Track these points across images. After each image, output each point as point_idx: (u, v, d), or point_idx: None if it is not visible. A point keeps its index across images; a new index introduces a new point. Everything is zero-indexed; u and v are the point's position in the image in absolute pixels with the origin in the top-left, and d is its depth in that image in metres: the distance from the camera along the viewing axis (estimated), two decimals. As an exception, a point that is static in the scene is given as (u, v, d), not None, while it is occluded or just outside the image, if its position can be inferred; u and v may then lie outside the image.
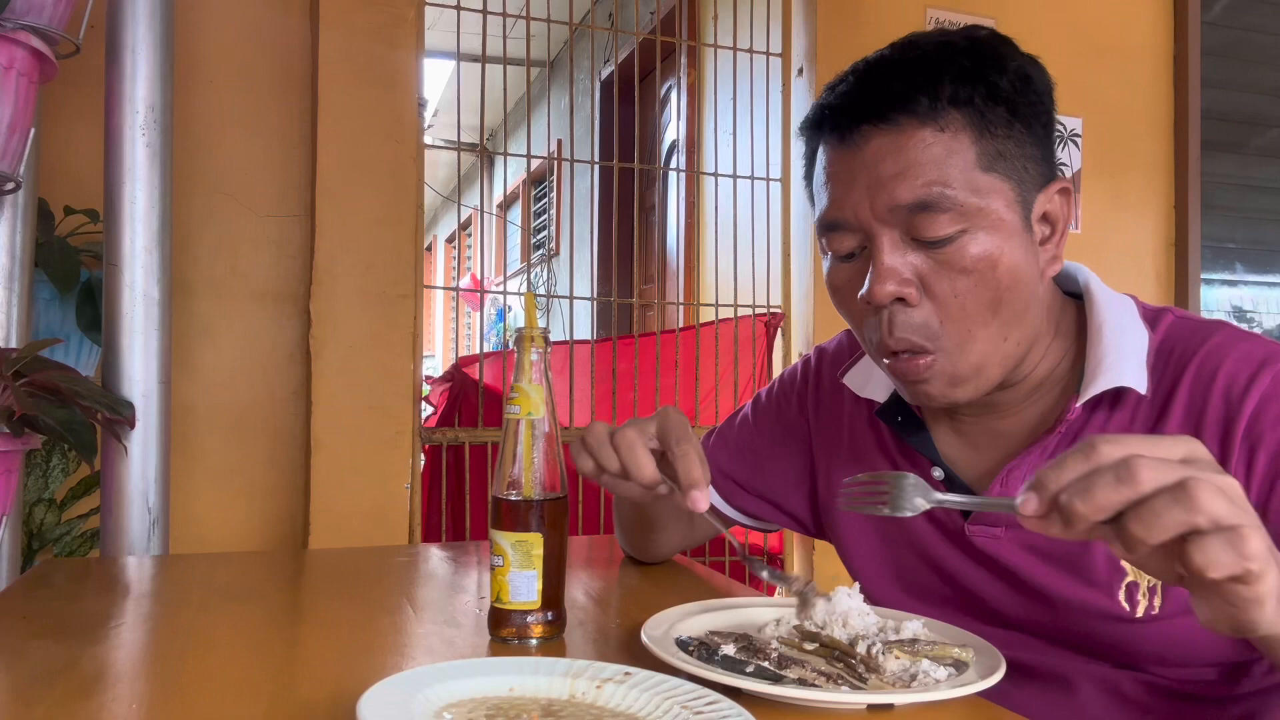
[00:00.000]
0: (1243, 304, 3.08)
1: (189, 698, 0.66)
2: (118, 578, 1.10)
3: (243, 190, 2.04)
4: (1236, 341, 0.80)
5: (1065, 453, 0.57)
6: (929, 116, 0.77)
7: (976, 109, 0.77)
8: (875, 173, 0.78)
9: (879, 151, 0.78)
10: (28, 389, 1.33)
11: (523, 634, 0.78)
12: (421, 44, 2.13)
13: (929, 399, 0.84)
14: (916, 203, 0.77)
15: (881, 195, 0.78)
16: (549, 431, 0.79)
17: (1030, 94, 0.80)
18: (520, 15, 2.31)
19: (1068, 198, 0.83)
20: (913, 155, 0.77)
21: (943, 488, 0.90)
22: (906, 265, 0.78)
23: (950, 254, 0.77)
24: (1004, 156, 0.78)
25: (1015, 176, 0.79)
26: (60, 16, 1.41)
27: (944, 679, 0.68)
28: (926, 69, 0.78)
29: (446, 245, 9.73)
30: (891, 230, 0.78)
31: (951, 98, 0.77)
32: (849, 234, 0.81)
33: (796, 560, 2.50)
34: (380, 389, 2.06)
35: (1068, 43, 2.71)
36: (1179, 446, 0.56)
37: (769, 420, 1.09)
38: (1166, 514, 0.53)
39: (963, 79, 0.78)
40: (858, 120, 0.79)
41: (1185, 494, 0.52)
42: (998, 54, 0.80)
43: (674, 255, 3.73)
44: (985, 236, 0.77)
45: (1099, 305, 0.86)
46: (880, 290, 0.78)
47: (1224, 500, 0.53)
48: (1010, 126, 0.78)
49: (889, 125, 0.78)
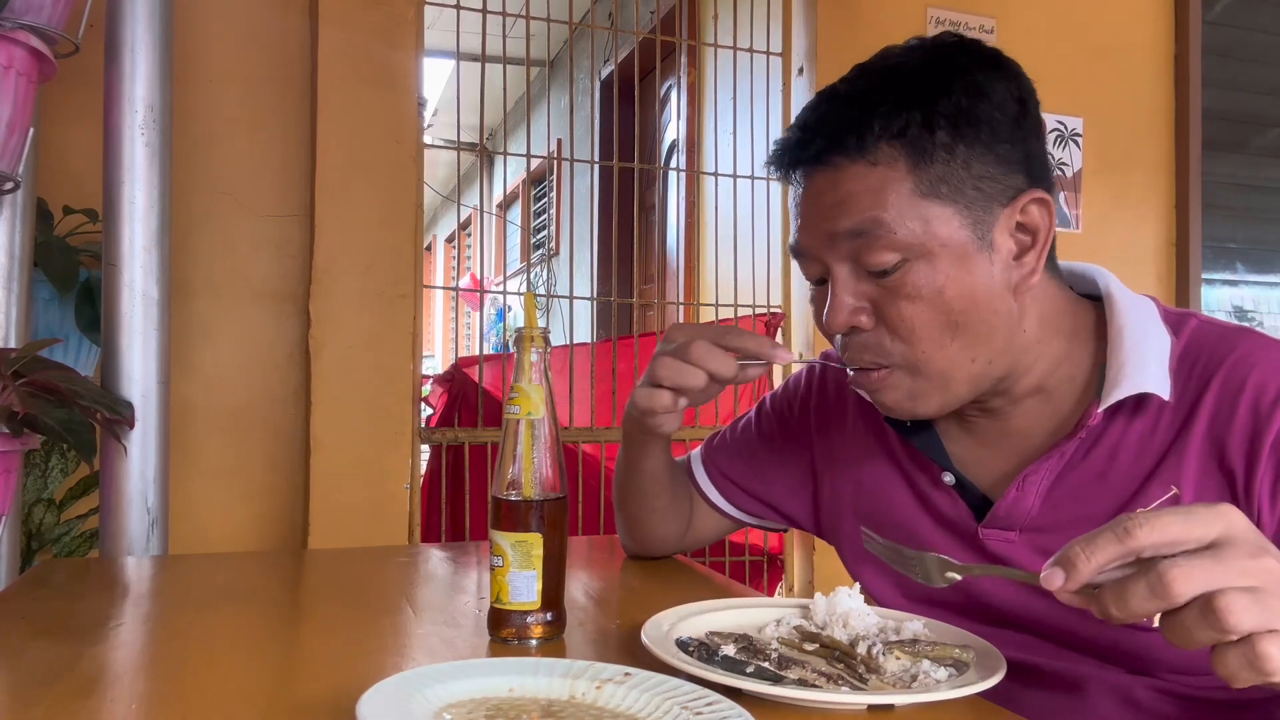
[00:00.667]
0: (1243, 304, 3.08)
1: (189, 698, 0.66)
2: (117, 578, 1.10)
3: (243, 190, 2.04)
4: (1264, 350, 0.79)
5: (1098, 531, 0.56)
6: (858, 153, 0.79)
7: (909, 140, 0.78)
8: (818, 205, 0.82)
9: (820, 187, 0.82)
10: (27, 389, 1.33)
11: (523, 634, 0.78)
12: (421, 44, 2.13)
13: (888, 410, 0.86)
14: (852, 232, 0.79)
15: (823, 226, 0.81)
16: (549, 431, 0.79)
17: (983, 109, 0.79)
18: (520, 15, 2.31)
19: (1046, 206, 0.82)
20: (847, 189, 0.80)
21: (954, 493, 0.90)
22: (859, 294, 0.82)
23: (895, 283, 0.79)
24: (946, 180, 0.78)
25: (963, 199, 0.79)
26: (59, 16, 1.41)
27: (944, 679, 0.68)
28: (861, 104, 0.80)
29: (446, 245, 9.73)
30: (844, 261, 0.82)
31: (881, 131, 0.79)
32: (812, 262, 0.85)
33: (796, 561, 2.50)
34: (380, 389, 2.06)
35: (1068, 43, 2.71)
36: (1215, 523, 0.55)
37: (772, 426, 1.09)
38: (1197, 630, 0.54)
39: (895, 111, 0.78)
40: (798, 162, 0.84)
41: (1215, 615, 0.53)
42: (947, 71, 0.80)
43: (674, 255, 3.73)
44: (927, 265, 0.78)
45: (1119, 309, 0.85)
46: (833, 320, 0.82)
47: (1255, 612, 0.53)
48: (952, 150, 0.78)
49: (822, 164, 0.81)
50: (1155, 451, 0.80)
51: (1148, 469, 0.80)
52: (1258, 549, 0.55)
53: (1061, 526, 0.83)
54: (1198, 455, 0.78)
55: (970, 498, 0.89)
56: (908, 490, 0.94)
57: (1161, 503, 0.79)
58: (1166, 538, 0.55)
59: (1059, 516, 0.83)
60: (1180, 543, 0.55)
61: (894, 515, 0.94)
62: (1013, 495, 0.85)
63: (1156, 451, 0.80)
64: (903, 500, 0.94)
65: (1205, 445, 0.78)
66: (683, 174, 3.35)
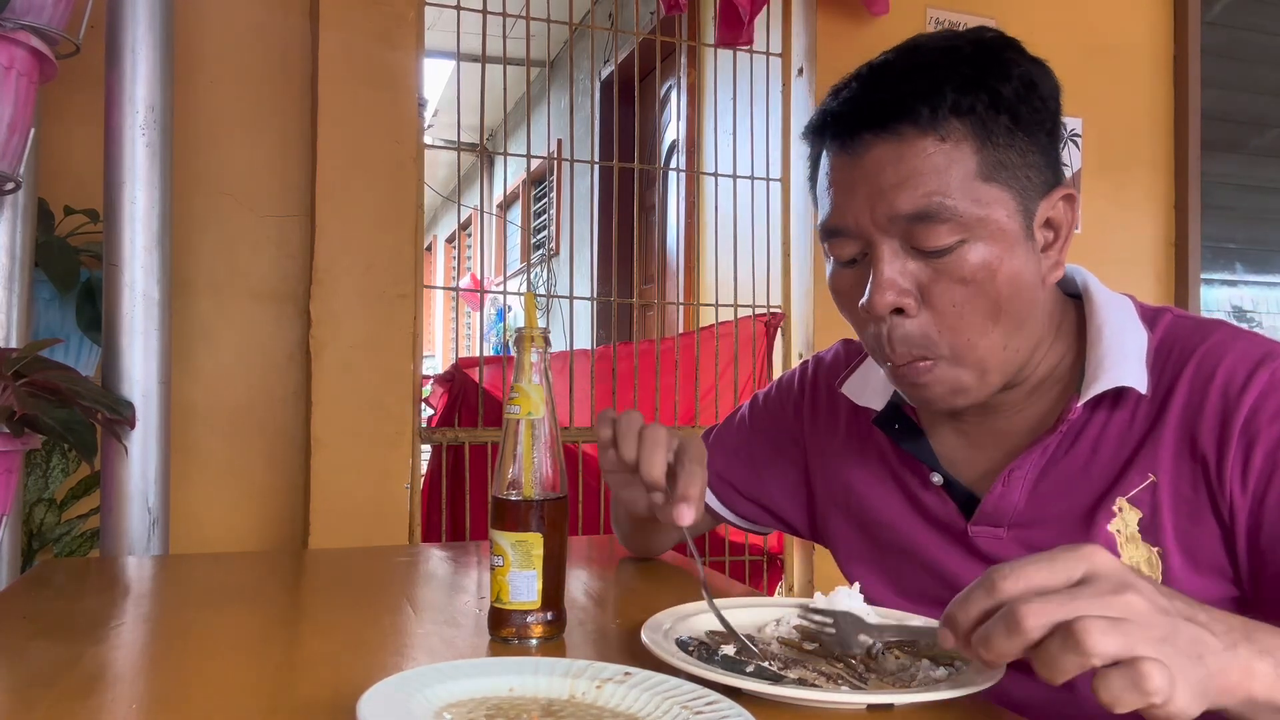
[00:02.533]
0: (1243, 304, 3.08)
1: (189, 698, 0.66)
2: (118, 578, 1.10)
3: (243, 190, 2.04)
4: (1235, 339, 0.81)
5: (969, 587, 0.59)
6: (930, 126, 0.77)
7: (978, 118, 0.77)
8: (876, 182, 0.78)
9: (880, 160, 0.78)
10: (28, 389, 1.33)
11: (523, 634, 0.78)
12: (421, 44, 2.13)
13: (930, 403, 0.85)
14: (916, 213, 0.77)
15: (881, 205, 0.78)
16: (549, 431, 0.79)
17: (1034, 101, 0.80)
18: (520, 15, 2.31)
19: (1072, 204, 0.83)
20: (913, 165, 0.77)
21: (942, 493, 0.91)
22: (905, 275, 0.79)
23: (949, 264, 0.78)
24: (1005, 166, 0.78)
25: (1017, 185, 0.79)
26: (60, 16, 1.41)
27: (944, 679, 0.68)
28: (929, 76, 0.78)
29: (446, 245, 9.73)
30: (891, 239, 0.79)
31: (953, 107, 0.77)
32: (850, 241, 0.81)
33: (796, 562, 2.50)
34: (380, 389, 2.06)
35: (1068, 43, 2.71)
36: (1078, 565, 0.56)
37: (765, 427, 1.09)
38: (1061, 658, 0.54)
39: (965, 87, 0.77)
40: (859, 128, 0.79)
41: (1074, 638, 0.53)
42: (1003, 60, 0.80)
43: (674, 255, 3.73)
44: (984, 246, 0.78)
45: (1099, 306, 0.86)
46: (879, 300, 0.79)
47: (1115, 636, 0.53)
48: (1012, 135, 0.78)
49: (890, 134, 0.78)
50: (1133, 442, 0.81)
51: (1126, 459, 0.81)
52: (1121, 585, 0.55)
53: (1047, 520, 0.84)
54: (1172, 443, 0.79)
55: (958, 497, 0.90)
56: (897, 492, 0.94)
57: (1139, 491, 0.80)
58: (1032, 584, 0.56)
59: (1045, 511, 0.84)
60: (1044, 587, 0.56)
61: (884, 516, 0.95)
62: (998, 491, 0.86)
63: (1134, 442, 0.81)
64: (893, 502, 0.95)
65: (1179, 433, 0.79)
66: (683, 174, 3.35)
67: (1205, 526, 0.78)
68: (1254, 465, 0.76)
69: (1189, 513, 0.78)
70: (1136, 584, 0.56)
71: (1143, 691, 0.52)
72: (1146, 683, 0.52)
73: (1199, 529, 0.78)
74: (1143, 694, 0.52)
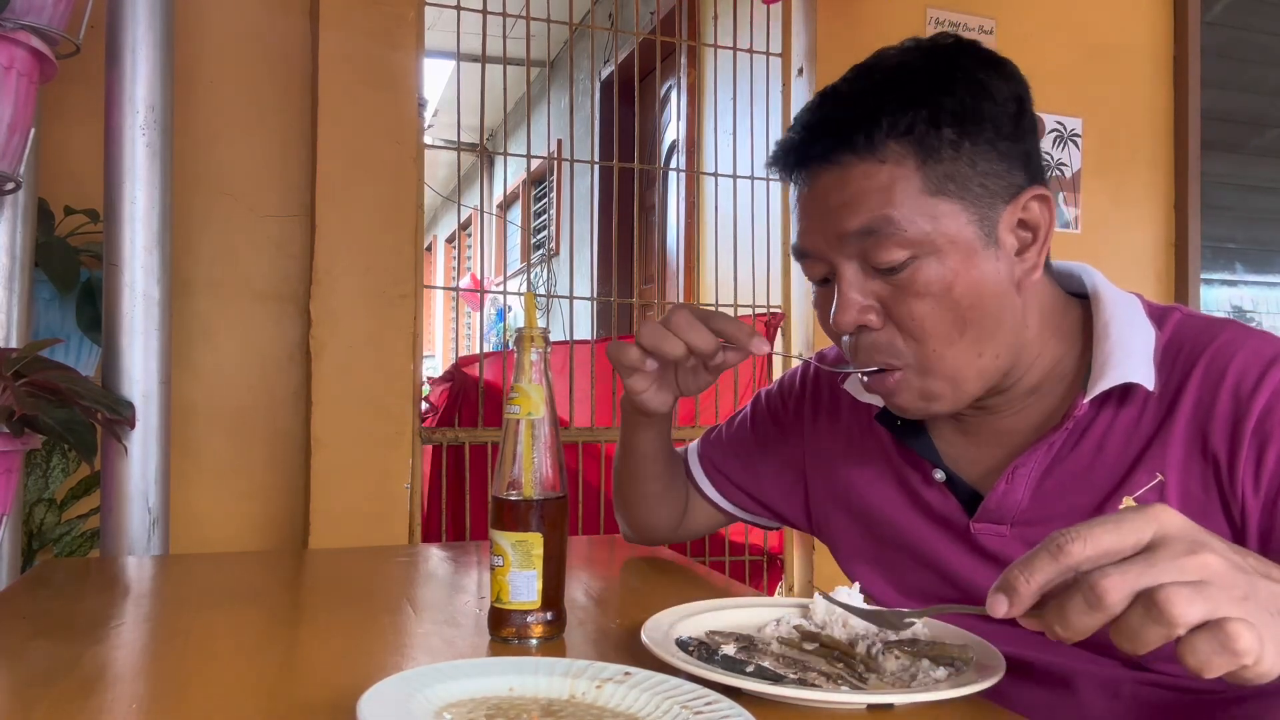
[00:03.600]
0: (1243, 304, 3.08)
1: (189, 698, 0.66)
2: (118, 578, 1.10)
3: (243, 190, 2.04)
4: (1246, 338, 0.80)
5: (1033, 551, 0.55)
6: (867, 151, 0.79)
7: (917, 137, 0.78)
8: (824, 205, 0.81)
9: (826, 186, 0.81)
10: (28, 389, 1.33)
11: (523, 634, 0.78)
12: (421, 44, 2.13)
13: (903, 411, 0.86)
14: (862, 229, 0.79)
15: (830, 226, 0.81)
16: (549, 431, 0.79)
17: (987, 108, 0.80)
18: (520, 15, 2.31)
19: (1047, 203, 0.83)
20: (855, 187, 0.79)
21: (945, 490, 0.91)
22: (867, 292, 0.82)
23: (904, 280, 0.79)
24: (953, 178, 0.79)
25: (970, 196, 0.79)
26: (60, 16, 1.41)
27: (944, 679, 0.68)
28: (866, 103, 0.80)
29: (446, 245, 9.73)
30: (850, 260, 0.81)
31: (889, 129, 0.78)
32: (816, 262, 0.85)
33: (796, 561, 2.50)
34: (380, 389, 2.06)
35: (1068, 43, 2.71)
36: (1147, 527, 0.54)
37: (766, 424, 1.10)
38: (1145, 630, 0.52)
39: (903, 108, 0.78)
40: (806, 159, 0.83)
41: (1158, 609, 0.51)
42: (951, 71, 0.80)
43: (674, 255, 3.73)
44: (937, 261, 0.79)
45: (1105, 304, 0.86)
46: (842, 320, 0.82)
47: (1201, 602, 0.51)
48: (958, 147, 0.79)
49: (829, 163, 0.81)
50: (1140, 440, 0.81)
51: (1133, 458, 0.81)
52: (1194, 544, 0.53)
53: (1052, 518, 0.83)
54: (1182, 443, 0.79)
55: (960, 493, 0.90)
56: (899, 488, 0.95)
57: (1146, 490, 0.80)
58: (1100, 549, 0.54)
59: (1049, 509, 0.84)
60: (1115, 551, 0.54)
61: (885, 513, 0.95)
62: (1002, 488, 0.85)
63: (1142, 440, 0.81)
64: (895, 498, 0.95)
65: (1189, 432, 0.79)
66: (683, 174, 3.35)
67: (1215, 527, 0.77)
68: (1266, 466, 0.75)
69: (1198, 513, 0.78)
70: (1210, 542, 0.54)
71: (1233, 653, 0.51)
72: (1236, 643, 0.51)
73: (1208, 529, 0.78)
74: (1233, 655, 0.51)
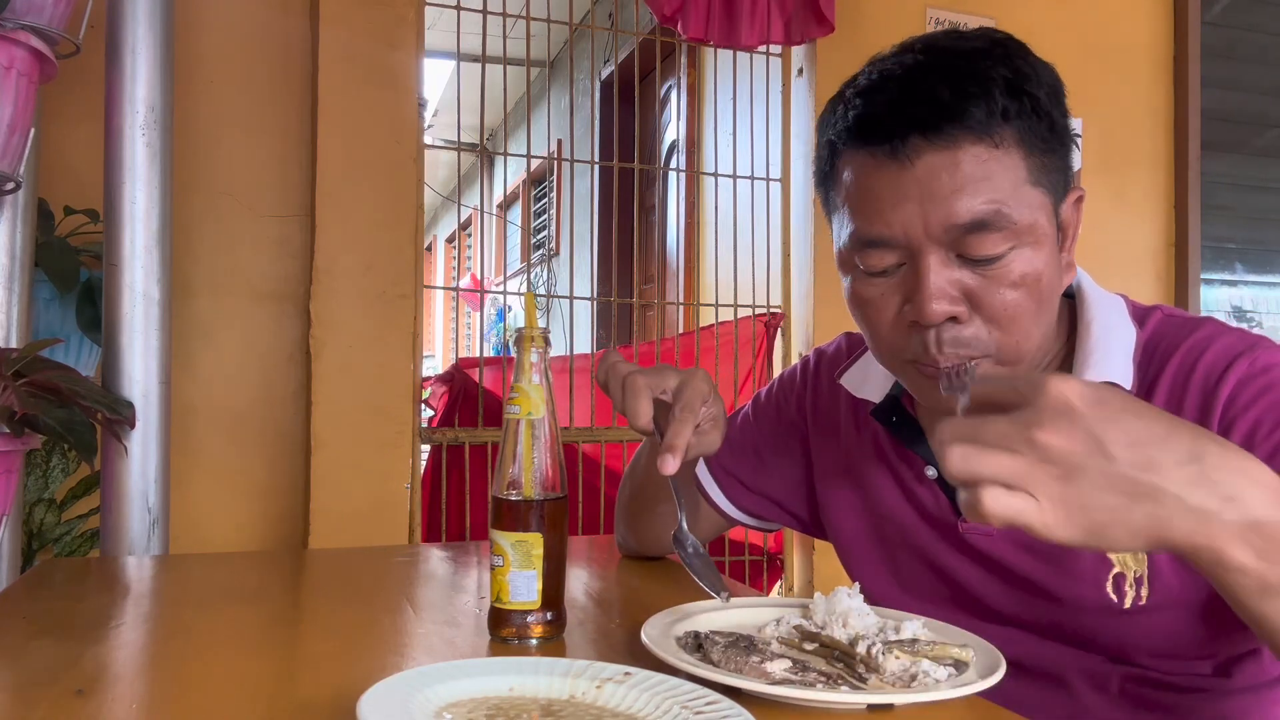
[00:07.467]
0: (1243, 304, 3.08)
1: (189, 698, 0.66)
2: (118, 578, 1.10)
3: (243, 190, 2.04)
4: (1221, 335, 0.81)
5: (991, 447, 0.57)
6: (984, 131, 0.74)
7: (1025, 123, 0.76)
8: (929, 189, 0.75)
9: (932, 167, 0.75)
10: (28, 389, 1.33)
11: (523, 634, 0.78)
12: (421, 44, 2.13)
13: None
14: (974, 221, 0.74)
15: (937, 214, 0.75)
16: (549, 431, 0.79)
17: (1062, 105, 0.80)
18: (520, 15, 2.31)
19: (1080, 205, 0.83)
20: (969, 172, 0.74)
21: (935, 487, 0.91)
22: (954, 283, 0.76)
23: (998, 271, 0.76)
24: (1046, 170, 0.78)
25: (1051, 189, 0.79)
26: (60, 16, 1.41)
27: (944, 679, 0.68)
28: (975, 79, 0.75)
29: (446, 245, 9.73)
30: (940, 249, 0.76)
31: (1004, 112, 0.75)
32: (890, 251, 0.78)
33: (796, 561, 2.50)
34: (380, 389, 2.06)
35: (1068, 43, 2.71)
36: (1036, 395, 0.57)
37: (769, 420, 1.10)
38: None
39: (1010, 92, 0.75)
40: (906, 132, 0.75)
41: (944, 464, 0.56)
42: (1030, 64, 0.79)
43: (674, 255, 3.73)
44: (1031, 252, 0.77)
45: (1089, 304, 0.86)
46: (934, 310, 0.76)
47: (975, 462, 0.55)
48: (1049, 140, 0.78)
49: (943, 139, 0.74)
50: None
51: None
52: (1053, 417, 0.55)
53: None
54: None
55: (951, 492, 0.89)
56: (894, 484, 0.95)
57: None
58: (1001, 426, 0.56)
59: None
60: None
61: (882, 508, 0.95)
62: None
63: None
64: (890, 494, 0.95)
65: None
66: (682, 174, 3.35)
67: None
68: None
69: None
70: (1083, 419, 0.55)
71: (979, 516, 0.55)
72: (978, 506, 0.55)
73: None
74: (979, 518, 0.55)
